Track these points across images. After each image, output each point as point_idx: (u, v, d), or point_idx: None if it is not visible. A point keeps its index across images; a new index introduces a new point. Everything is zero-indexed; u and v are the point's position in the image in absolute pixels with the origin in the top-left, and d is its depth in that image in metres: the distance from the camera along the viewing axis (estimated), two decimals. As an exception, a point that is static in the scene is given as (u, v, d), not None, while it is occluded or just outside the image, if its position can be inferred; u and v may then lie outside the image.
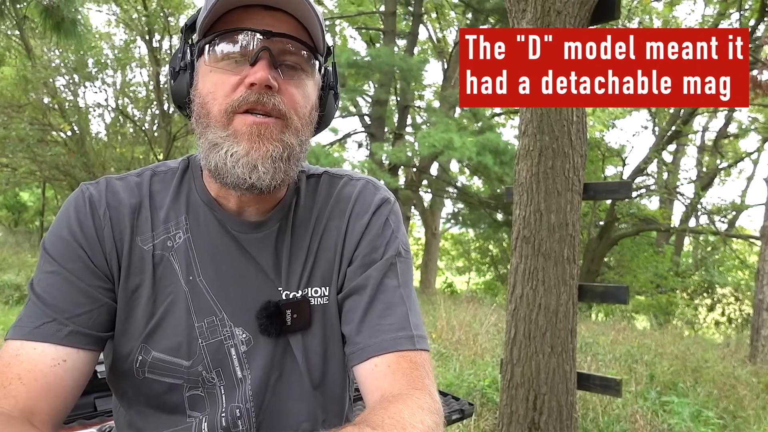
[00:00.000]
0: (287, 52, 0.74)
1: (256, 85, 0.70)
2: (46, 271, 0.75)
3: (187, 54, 0.77)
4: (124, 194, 0.80)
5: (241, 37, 0.72)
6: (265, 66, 0.71)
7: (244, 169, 0.71)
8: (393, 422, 0.63)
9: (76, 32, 4.41)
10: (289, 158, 0.74)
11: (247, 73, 0.72)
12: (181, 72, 0.78)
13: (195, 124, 0.77)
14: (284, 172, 0.74)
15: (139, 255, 0.78)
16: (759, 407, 4.20)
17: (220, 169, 0.73)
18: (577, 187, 2.54)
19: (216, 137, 0.73)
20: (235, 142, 0.72)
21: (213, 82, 0.73)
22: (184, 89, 0.78)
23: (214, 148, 0.73)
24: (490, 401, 3.81)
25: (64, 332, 0.72)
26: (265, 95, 0.71)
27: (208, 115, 0.74)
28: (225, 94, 0.72)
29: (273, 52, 0.72)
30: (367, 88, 12.99)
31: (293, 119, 0.74)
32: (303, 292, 0.82)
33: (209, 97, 0.74)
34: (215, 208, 0.81)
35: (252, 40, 0.72)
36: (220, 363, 0.79)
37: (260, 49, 0.71)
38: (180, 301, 0.78)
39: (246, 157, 0.71)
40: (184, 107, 0.80)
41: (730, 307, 12.69)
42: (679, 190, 13.87)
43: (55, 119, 14.07)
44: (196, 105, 0.76)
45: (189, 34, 0.80)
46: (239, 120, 0.72)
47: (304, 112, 0.76)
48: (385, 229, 0.85)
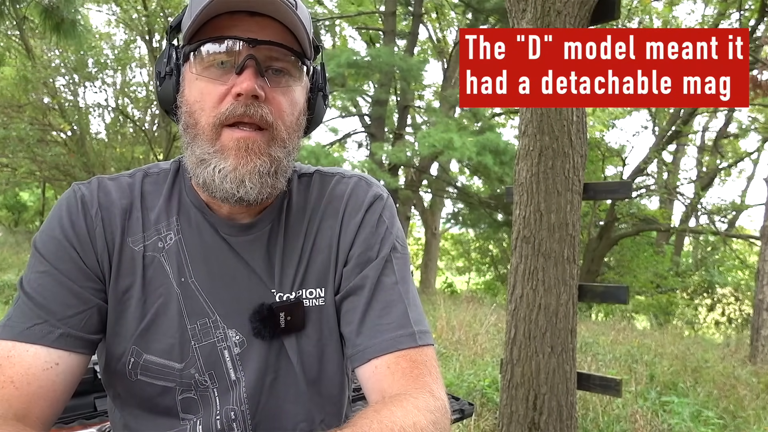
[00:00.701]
0: (273, 58, 0.73)
1: (242, 95, 0.70)
2: (37, 271, 0.74)
3: (173, 58, 0.76)
4: (115, 195, 0.80)
5: (226, 44, 0.71)
6: (251, 75, 0.70)
7: (231, 184, 0.72)
8: (381, 427, 0.63)
9: (76, 33, 4.42)
10: (276, 172, 0.75)
11: (233, 82, 0.71)
12: (167, 76, 0.77)
13: (182, 132, 0.76)
14: (271, 186, 0.75)
15: (130, 256, 0.78)
16: (759, 407, 4.20)
17: (208, 185, 0.73)
18: (577, 187, 2.54)
19: (203, 153, 0.73)
20: (222, 158, 0.72)
21: (199, 91, 0.73)
22: (171, 94, 0.77)
23: (201, 164, 0.73)
24: (490, 401, 3.81)
25: (55, 334, 0.71)
26: (252, 106, 0.71)
27: (195, 125, 0.73)
28: (212, 105, 0.72)
29: (259, 59, 0.71)
30: (367, 88, 12.99)
31: (279, 129, 0.74)
32: (297, 294, 0.81)
33: (196, 107, 0.73)
34: (206, 211, 0.81)
35: (237, 49, 0.71)
36: (213, 365, 0.79)
37: (246, 58, 0.71)
38: (172, 303, 0.78)
39: (234, 172, 0.72)
40: (171, 112, 0.79)
41: (730, 307, 12.70)
42: (679, 190, 13.88)
43: (55, 119, 14.08)
44: (183, 113, 0.76)
45: (174, 35, 0.79)
46: (227, 134, 0.72)
47: (290, 119, 0.76)
48: (379, 226, 0.84)
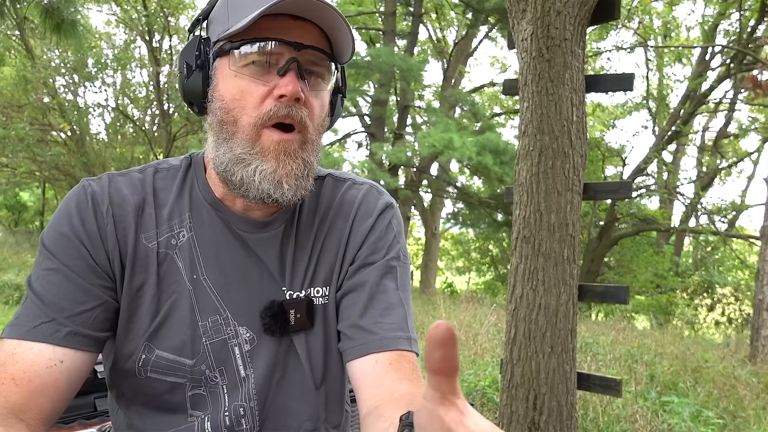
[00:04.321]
0: (312, 62, 0.75)
1: (285, 97, 0.71)
2: (45, 268, 0.74)
3: (203, 51, 0.76)
4: (127, 191, 0.79)
5: (271, 46, 0.72)
6: (294, 78, 0.72)
7: (270, 185, 0.73)
8: None
9: (76, 33, 4.41)
10: (308, 175, 0.77)
11: (275, 83, 0.72)
12: (196, 69, 0.76)
13: (216, 126, 0.76)
14: (304, 188, 0.77)
15: (144, 253, 0.78)
16: (759, 407, 4.20)
17: (246, 184, 0.74)
18: (577, 187, 2.54)
19: (243, 152, 0.74)
20: (263, 159, 0.73)
21: (239, 89, 0.73)
22: (200, 87, 0.77)
23: (240, 163, 0.74)
24: (490, 401, 3.81)
25: (62, 332, 0.71)
26: (294, 108, 0.72)
27: (235, 123, 0.74)
28: (253, 105, 0.73)
29: (301, 63, 0.73)
30: (367, 88, 12.99)
31: (311, 131, 0.76)
32: (306, 293, 0.83)
33: (235, 104, 0.73)
34: (219, 208, 0.81)
35: (282, 51, 0.72)
36: (223, 362, 0.80)
37: (290, 61, 0.72)
38: (184, 300, 0.78)
39: (273, 174, 0.73)
40: (196, 104, 0.79)
41: (730, 307, 12.69)
42: (679, 190, 13.87)
43: (55, 119, 14.08)
44: (217, 108, 0.75)
45: (206, 28, 0.79)
46: (266, 136, 0.73)
47: (319, 121, 0.78)
48: (387, 232, 0.86)
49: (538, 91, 2.51)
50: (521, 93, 2.62)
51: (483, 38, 14.75)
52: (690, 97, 12.19)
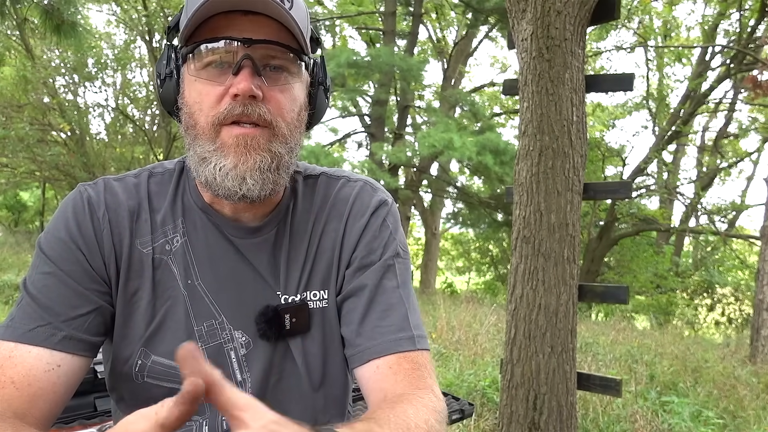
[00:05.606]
0: (270, 56, 0.73)
1: (239, 95, 0.70)
2: (42, 272, 0.74)
3: (171, 60, 0.77)
4: (122, 196, 0.80)
5: (221, 45, 0.71)
6: (247, 75, 0.70)
7: (233, 181, 0.72)
8: (398, 420, 0.64)
9: (76, 34, 4.41)
10: (278, 168, 0.75)
11: (230, 83, 0.71)
12: (167, 78, 0.77)
13: (184, 133, 0.77)
14: (273, 182, 0.74)
15: (139, 258, 0.78)
16: (759, 407, 4.20)
17: (210, 183, 0.73)
18: (577, 187, 2.54)
19: (204, 151, 0.73)
20: (222, 155, 0.72)
21: (198, 92, 0.73)
22: (172, 96, 0.77)
23: (203, 162, 0.73)
24: (490, 401, 3.81)
25: (58, 337, 0.71)
26: (249, 106, 0.71)
27: (195, 126, 0.74)
28: (210, 105, 0.72)
29: (255, 59, 0.71)
30: (367, 88, 12.98)
31: (280, 126, 0.74)
32: (302, 296, 0.82)
33: (195, 108, 0.74)
34: (210, 213, 0.81)
35: (233, 49, 0.71)
36: (219, 366, 0.79)
37: (242, 58, 0.70)
38: (179, 305, 0.78)
39: (234, 170, 0.71)
40: (173, 113, 0.80)
41: (730, 307, 12.69)
42: (679, 190, 13.87)
43: (54, 119, 14.06)
44: (184, 114, 0.76)
45: (172, 35, 0.79)
46: (226, 132, 0.72)
47: (291, 116, 0.76)
48: (382, 231, 0.85)
49: (538, 91, 2.51)
50: (521, 93, 2.62)
51: (483, 38, 14.76)
52: (690, 97, 12.20)
